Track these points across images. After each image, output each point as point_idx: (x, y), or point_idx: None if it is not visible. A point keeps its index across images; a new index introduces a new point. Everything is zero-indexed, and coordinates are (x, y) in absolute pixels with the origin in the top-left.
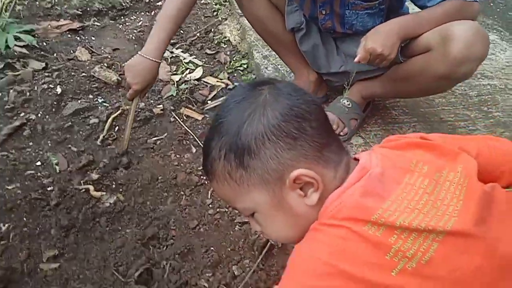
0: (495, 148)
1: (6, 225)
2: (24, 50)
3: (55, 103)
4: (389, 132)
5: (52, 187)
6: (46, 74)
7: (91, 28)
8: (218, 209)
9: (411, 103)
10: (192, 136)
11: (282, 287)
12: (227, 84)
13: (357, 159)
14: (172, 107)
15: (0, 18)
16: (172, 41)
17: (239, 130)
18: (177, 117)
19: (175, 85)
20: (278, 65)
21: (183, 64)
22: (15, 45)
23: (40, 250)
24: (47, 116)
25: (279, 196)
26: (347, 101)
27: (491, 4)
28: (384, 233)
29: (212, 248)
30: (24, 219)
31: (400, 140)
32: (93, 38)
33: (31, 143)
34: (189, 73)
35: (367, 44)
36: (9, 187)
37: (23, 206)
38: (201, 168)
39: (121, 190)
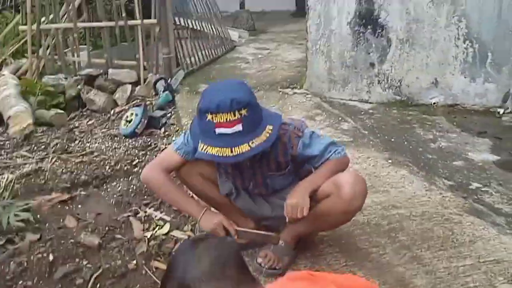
0: (351, 285)
1: None
2: (21, 224)
3: (47, 269)
4: (316, 264)
5: None
6: (41, 244)
7: (78, 198)
8: None
9: (335, 236)
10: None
11: None
12: (189, 236)
13: None
14: (143, 261)
15: (1, 198)
16: (145, 201)
17: (184, 274)
18: (147, 270)
19: (146, 242)
20: None
21: (154, 221)
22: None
23: None
24: (40, 282)
25: None
26: (281, 241)
27: (405, 142)
28: None
29: None
30: None
31: (294, 274)
32: (79, 206)
33: None
34: (159, 229)
35: (288, 203)
36: None
37: None
38: None
39: None
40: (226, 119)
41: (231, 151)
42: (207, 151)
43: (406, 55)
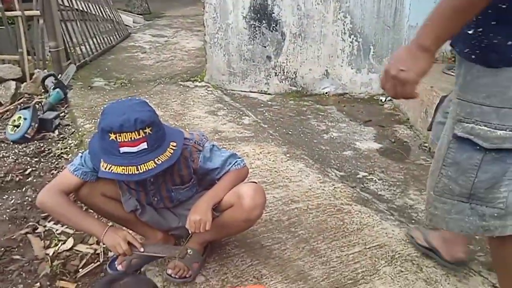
0: None
1: None
2: None
3: None
4: (224, 266)
5: None
6: None
7: None
8: None
9: (240, 236)
10: None
11: None
12: (95, 249)
13: None
14: (48, 283)
15: None
16: (43, 214)
17: None
18: None
19: (49, 261)
20: None
21: (55, 236)
22: None
23: None
24: None
25: None
26: (189, 250)
27: (302, 135)
28: None
29: None
30: None
31: None
32: None
33: None
34: (62, 244)
35: (192, 219)
36: None
37: None
38: None
39: None
40: (131, 138)
41: (137, 169)
42: (111, 170)
43: (300, 48)
